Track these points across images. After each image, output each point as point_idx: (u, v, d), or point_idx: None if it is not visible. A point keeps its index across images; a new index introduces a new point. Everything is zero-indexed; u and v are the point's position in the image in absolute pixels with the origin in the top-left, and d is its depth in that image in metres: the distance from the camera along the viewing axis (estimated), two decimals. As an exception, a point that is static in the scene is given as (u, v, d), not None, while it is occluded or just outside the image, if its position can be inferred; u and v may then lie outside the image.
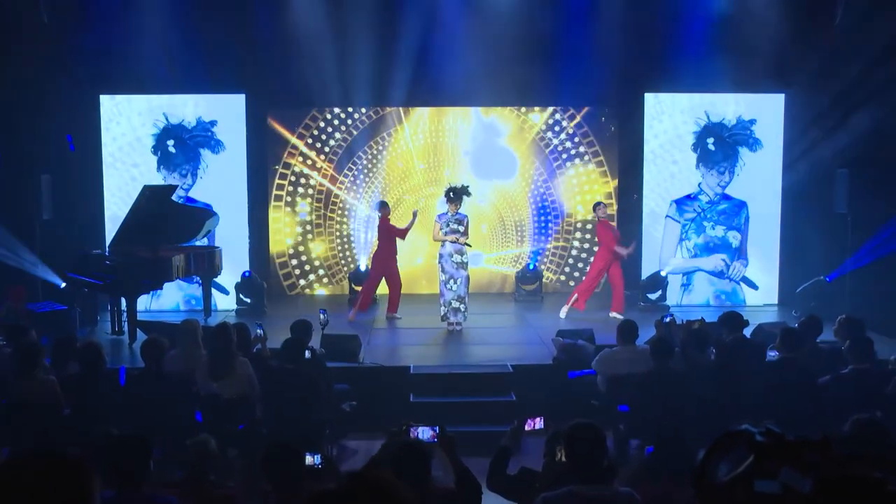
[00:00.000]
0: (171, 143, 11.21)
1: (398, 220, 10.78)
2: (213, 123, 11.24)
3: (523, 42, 10.88)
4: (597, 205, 10.45)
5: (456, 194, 9.56)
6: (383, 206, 10.43)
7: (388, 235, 10.24)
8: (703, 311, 9.28)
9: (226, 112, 11.26)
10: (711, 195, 11.39)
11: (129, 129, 11.17)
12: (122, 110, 11.17)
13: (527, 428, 4.48)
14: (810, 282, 10.47)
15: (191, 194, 11.24)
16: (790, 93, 11.13)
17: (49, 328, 8.41)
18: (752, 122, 11.29)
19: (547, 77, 11.42)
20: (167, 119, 11.18)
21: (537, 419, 4.46)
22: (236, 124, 11.27)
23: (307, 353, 6.75)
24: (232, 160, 11.28)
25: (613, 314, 10.09)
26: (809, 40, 10.64)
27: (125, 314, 9.30)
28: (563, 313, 10.26)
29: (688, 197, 11.39)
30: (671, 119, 11.34)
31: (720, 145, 11.31)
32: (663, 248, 11.42)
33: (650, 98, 11.35)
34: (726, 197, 11.38)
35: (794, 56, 10.75)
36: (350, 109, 11.97)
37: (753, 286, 11.40)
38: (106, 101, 11.12)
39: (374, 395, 7.53)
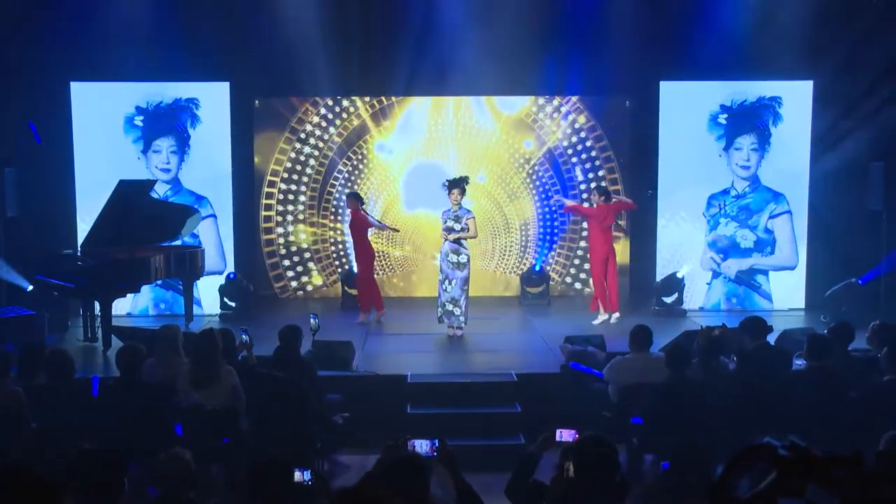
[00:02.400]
0: (140, 118, 11.19)
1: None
2: (192, 101, 11.26)
3: (530, 27, 10.87)
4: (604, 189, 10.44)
5: (454, 185, 9.53)
6: (355, 198, 10.42)
7: (362, 228, 10.27)
8: (728, 317, 9.22)
9: (209, 101, 11.26)
10: (739, 188, 11.36)
11: (103, 118, 11.16)
12: (96, 98, 11.15)
13: (557, 439, 4.51)
14: (841, 284, 10.41)
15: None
16: (820, 79, 11.06)
17: (15, 335, 8.40)
18: (776, 98, 11.25)
19: (555, 64, 11.40)
20: (145, 103, 11.21)
21: (570, 432, 4.49)
22: (221, 114, 11.28)
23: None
24: (216, 153, 11.29)
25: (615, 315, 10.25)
26: (842, 21, 10.57)
27: (99, 319, 9.30)
28: None
29: (722, 192, 11.38)
30: (689, 109, 11.32)
31: (744, 118, 11.25)
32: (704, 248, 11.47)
33: (666, 86, 11.32)
34: (755, 188, 11.33)
35: (824, 39, 10.63)
36: (342, 99, 11.96)
37: (762, 294, 11.38)
38: (77, 88, 11.09)
39: (369, 406, 7.53)
